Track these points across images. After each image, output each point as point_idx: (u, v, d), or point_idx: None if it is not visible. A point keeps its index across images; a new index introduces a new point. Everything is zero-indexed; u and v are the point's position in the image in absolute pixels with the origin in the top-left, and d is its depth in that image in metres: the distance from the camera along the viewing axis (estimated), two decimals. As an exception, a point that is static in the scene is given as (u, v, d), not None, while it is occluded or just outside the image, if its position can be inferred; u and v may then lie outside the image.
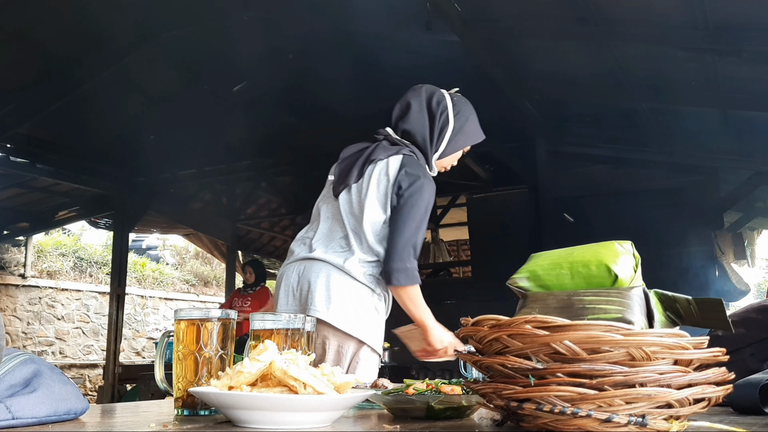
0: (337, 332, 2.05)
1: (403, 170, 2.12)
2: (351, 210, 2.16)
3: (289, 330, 1.17)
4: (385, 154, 2.16)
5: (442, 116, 2.24)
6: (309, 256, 2.14)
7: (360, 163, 2.17)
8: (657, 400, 0.73)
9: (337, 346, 2.06)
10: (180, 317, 1.11)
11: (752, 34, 3.46)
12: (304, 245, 2.21)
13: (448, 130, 2.25)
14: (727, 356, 0.81)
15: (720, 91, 4.29)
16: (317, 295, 2.06)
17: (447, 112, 2.25)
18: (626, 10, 3.72)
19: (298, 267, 2.16)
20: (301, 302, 2.11)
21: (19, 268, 9.84)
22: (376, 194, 2.12)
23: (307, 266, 2.13)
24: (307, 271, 2.12)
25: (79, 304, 10.45)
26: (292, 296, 2.14)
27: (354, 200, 2.16)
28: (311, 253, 2.14)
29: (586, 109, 5.40)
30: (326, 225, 2.21)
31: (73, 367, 9.96)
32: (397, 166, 2.13)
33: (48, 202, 8.32)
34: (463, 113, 2.28)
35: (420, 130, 2.23)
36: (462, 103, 2.30)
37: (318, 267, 2.11)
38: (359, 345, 2.08)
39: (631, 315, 0.90)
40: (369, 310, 2.11)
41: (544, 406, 0.74)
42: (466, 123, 2.30)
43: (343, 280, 2.08)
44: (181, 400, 1.08)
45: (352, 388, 0.97)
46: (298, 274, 2.15)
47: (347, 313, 2.06)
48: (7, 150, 6.48)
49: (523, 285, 1.03)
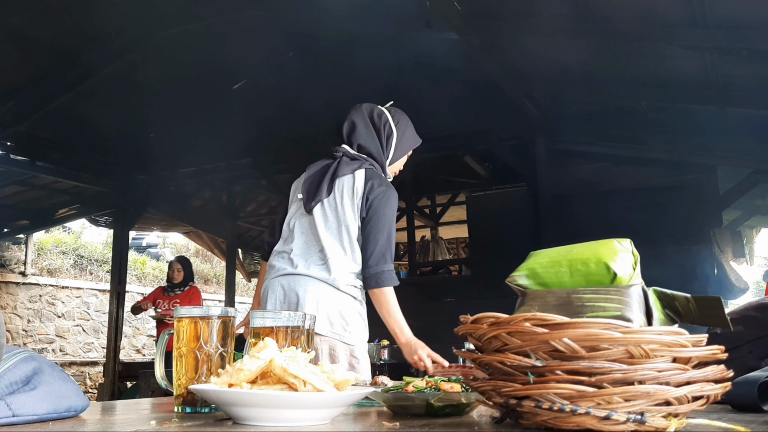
0: (329, 340, 2.23)
1: (369, 183, 2.33)
2: (326, 224, 2.35)
3: (288, 327, 1.17)
4: (349, 169, 2.36)
5: (385, 128, 2.46)
6: (293, 271, 2.32)
7: (327, 179, 2.37)
8: (656, 398, 0.73)
9: (329, 351, 2.23)
10: (180, 315, 1.11)
11: (751, 32, 3.46)
12: (284, 261, 2.37)
13: (393, 138, 2.46)
14: (726, 354, 0.81)
15: (719, 89, 4.30)
16: (306, 307, 2.23)
17: (389, 123, 2.46)
18: (625, 8, 3.72)
19: (282, 281, 2.33)
20: None
21: (20, 266, 9.84)
22: (350, 205, 2.32)
23: (291, 281, 2.31)
24: (294, 285, 2.30)
25: (79, 302, 10.45)
26: (280, 308, 2.30)
27: (329, 214, 2.35)
28: (294, 268, 2.32)
29: (585, 106, 5.40)
30: (302, 240, 2.38)
31: (74, 365, 9.97)
32: (363, 179, 2.34)
33: (48, 199, 8.32)
34: (402, 122, 2.51)
35: (372, 143, 2.44)
36: (399, 114, 2.52)
37: (304, 281, 2.28)
38: (349, 348, 2.26)
39: (630, 313, 0.90)
40: (354, 316, 2.30)
41: (543, 403, 0.74)
42: (406, 130, 2.51)
43: (328, 291, 2.26)
44: (182, 398, 1.09)
45: (351, 385, 0.97)
46: (283, 288, 2.32)
47: (334, 321, 2.25)
48: (7, 148, 6.48)
49: (522, 283, 1.03)
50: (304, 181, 2.46)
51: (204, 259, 13.76)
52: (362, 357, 2.29)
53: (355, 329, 2.29)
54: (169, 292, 6.68)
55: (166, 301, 6.57)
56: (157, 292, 6.86)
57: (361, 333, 2.32)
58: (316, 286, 2.27)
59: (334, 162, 2.41)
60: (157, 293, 6.81)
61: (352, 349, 2.26)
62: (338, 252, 2.30)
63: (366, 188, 2.32)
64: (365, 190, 2.31)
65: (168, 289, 6.74)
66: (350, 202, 2.32)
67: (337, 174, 2.36)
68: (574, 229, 2.81)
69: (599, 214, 5.42)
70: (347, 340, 2.25)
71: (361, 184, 2.32)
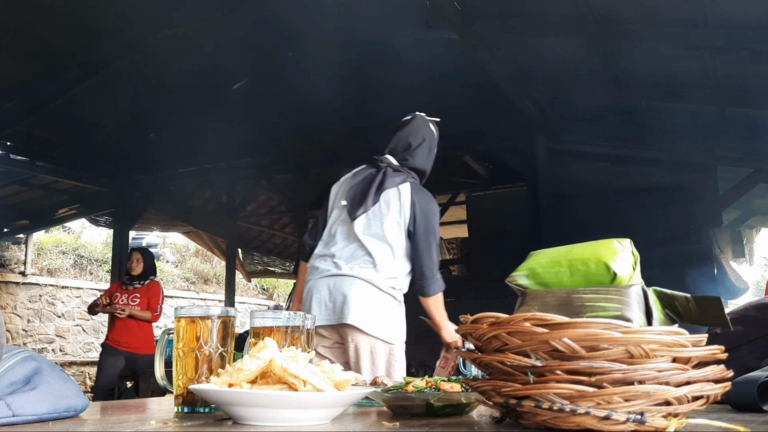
0: (371, 338, 2.34)
1: (414, 197, 2.47)
2: (370, 231, 2.47)
3: (288, 327, 1.17)
4: (394, 182, 2.50)
5: (434, 147, 2.69)
6: (338, 272, 2.43)
7: (374, 190, 2.50)
8: (655, 398, 0.73)
9: (370, 349, 2.34)
10: (180, 315, 1.11)
11: (751, 32, 3.46)
12: (328, 263, 2.49)
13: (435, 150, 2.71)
14: (726, 354, 0.81)
15: (719, 89, 4.30)
16: (352, 306, 2.34)
17: (435, 138, 2.70)
18: (625, 8, 3.72)
19: (328, 282, 2.44)
20: (335, 312, 2.39)
21: (20, 266, 9.84)
22: (395, 217, 2.45)
23: (337, 281, 2.42)
24: (339, 285, 2.41)
25: (79, 302, 10.45)
26: (325, 307, 2.41)
27: (373, 223, 2.48)
28: (339, 270, 2.43)
29: (585, 106, 5.40)
30: (347, 244, 2.49)
31: (74, 365, 9.97)
32: (409, 193, 2.48)
33: (48, 199, 8.32)
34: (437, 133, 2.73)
35: (423, 162, 2.62)
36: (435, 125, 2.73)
37: (349, 281, 2.39)
38: (390, 347, 2.37)
39: (630, 313, 0.90)
40: (395, 316, 2.43)
41: (543, 403, 0.74)
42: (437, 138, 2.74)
43: (372, 291, 2.38)
44: (181, 398, 1.09)
45: (351, 385, 0.97)
46: (329, 289, 2.43)
47: (377, 320, 2.36)
48: (7, 147, 6.48)
49: (522, 283, 1.03)
50: (348, 189, 2.57)
51: (204, 259, 13.76)
52: (399, 357, 2.40)
53: (396, 329, 2.40)
54: (128, 285, 6.01)
55: (124, 294, 5.93)
56: (115, 287, 6.20)
57: (400, 333, 2.43)
58: (362, 286, 2.38)
59: (378, 173, 2.54)
60: (115, 288, 6.15)
61: (391, 348, 2.37)
62: (382, 256, 2.42)
63: (411, 202, 2.46)
64: (411, 204, 2.46)
65: (127, 282, 6.05)
66: (397, 214, 2.45)
67: (384, 186, 2.50)
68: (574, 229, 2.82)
69: (599, 214, 5.42)
70: (388, 339, 2.35)
71: (408, 199, 2.47)
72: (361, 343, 2.34)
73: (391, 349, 2.37)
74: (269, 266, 10.75)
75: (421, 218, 2.46)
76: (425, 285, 2.45)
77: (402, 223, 2.46)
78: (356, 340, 2.34)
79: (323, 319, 2.41)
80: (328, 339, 2.44)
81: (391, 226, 2.45)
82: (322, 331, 2.43)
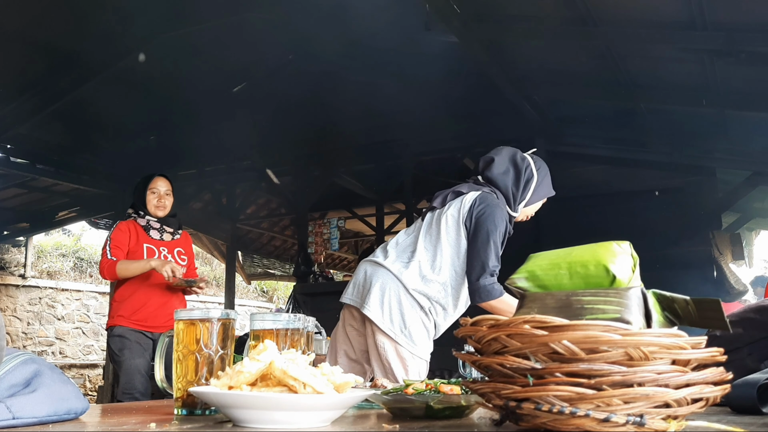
0: (383, 334, 2.34)
1: (477, 200, 2.46)
2: (429, 231, 2.48)
3: (288, 330, 1.17)
4: (468, 190, 2.53)
5: (526, 171, 2.59)
6: (381, 261, 2.44)
7: (446, 193, 2.55)
8: (655, 400, 0.73)
9: (382, 344, 2.34)
10: (180, 317, 1.11)
11: (750, 35, 3.47)
12: (382, 249, 2.55)
13: (532, 183, 2.60)
14: (725, 356, 0.81)
15: (718, 92, 4.30)
16: (373, 297, 2.36)
17: (531, 168, 2.60)
18: (624, 11, 3.72)
19: (368, 267, 2.48)
20: (361, 297, 2.43)
21: (20, 269, 9.84)
22: (453, 219, 2.45)
23: (374, 269, 2.45)
24: (372, 273, 2.43)
25: (79, 305, 10.45)
26: (357, 290, 2.46)
27: (434, 224, 2.49)
28: (384, 259, 2.46)
29: (584, 109, 5.40)
30: (403, 237, 2.55)
31: (73, 367, 9.96)
32: (474, 197, 2.47)
33: (48, 202, 8.32)
34: (542, 170, 2.64)
35: (502, 180, 2.57)
36: (540, 162, 2.67)
37: (380, 272, 2.41)
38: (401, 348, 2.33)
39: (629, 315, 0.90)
40: (416, 323, 2.37)
41: (542, 405, 0.74)
42: (545, 178, 2.66)
43: (396, 289, 2.36)
44: (181, 400, 1.09)
45: (351, 387, 0.97)
46: (365, 273, 2.46)
47: (394, 319, 2.34)
48: (7, 150, 6.48)
49: (521, 285, 1.03)
50: (435, 195, 2.63)
51: (204, 262, 13.75)
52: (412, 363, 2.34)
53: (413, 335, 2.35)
54: (162, 232, 3.95)
55: (162, 248, 3.90)
56: (134, 231, 3.86)
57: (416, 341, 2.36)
58: (390, 281, 2.38)
59: (462, 184, 2.59)
60: (134, 233, 3.85)
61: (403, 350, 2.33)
62: (426, 259, 2.42)
63: (472, 204, 2.44)
64: (471, 206, 2.44)
65: (157, 228, 3.94)
66: (455, 214, 2.45)
67: (457, 192, 2.53)
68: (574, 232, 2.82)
69: (598, 216, 5.42)
70: (400, 340, 2.32)
71: (470, 201, 2.45)
72: (375, 336, 2.35)
73: (403, 353, 2.33)
74: (269, 269, 10.74)
75: (477, 220, 2.41)
76: (472, 290, 2.37)
77: (460, 224, 2.43)
78: (373, 332, 2.36)
79: (353, 300, 2.46)
80: (357, 320, 2.48)
81: (449, 226, 2.44)
82: (354, 310, 2.48)
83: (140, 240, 3.87)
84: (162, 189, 3.99)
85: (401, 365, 2.32)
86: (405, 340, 2.33)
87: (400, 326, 2.33)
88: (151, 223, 3.95)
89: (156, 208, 3.95)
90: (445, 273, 2.41)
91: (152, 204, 3.94)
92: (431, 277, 2.39)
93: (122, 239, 3.83)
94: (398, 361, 2.32)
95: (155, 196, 3.96)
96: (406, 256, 2.45)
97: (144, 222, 3.95)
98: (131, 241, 3.85)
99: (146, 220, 3.95)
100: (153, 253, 3.86)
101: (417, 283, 2.37)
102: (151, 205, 3.94)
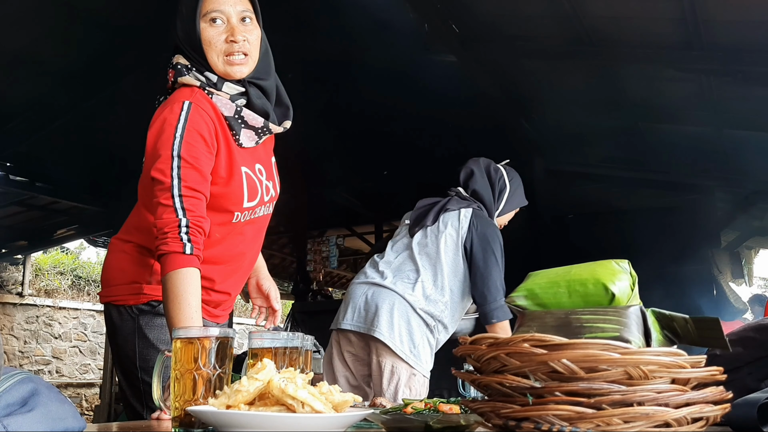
0: (394, 355, 2.33)
1: (473, 221, 2.48)
2: (425, 249, 2.50)
3: (287, 348, 1.17)
4: (457, 206, 2.54)
5: (500, 182, 2.66)
6: (380, 282, 2.45)
7: (435, 210, 2.55)
8: (655, 419, 0.73)
9: (391, 367, 2.33)
10: (177, 336, 1.11)
11: (747, 54, 3.49)
12: (375, 270, 2.52)
13: (505, 193, 2.67)
14: (725, 375, 0.81)
15: (715, 111, 4.33)
16: (382, 319, 2.35)
17: (504, 179, 2.67)
18: (622, 31, 3.75)
19: (367, 291, 2.46)
20: (366, 321, 2.41)
21: (17, 287, 9.80)
22: (452, 239, 2.46)
23: (375, 292, 2.44)
24: (376, 296, 2.42)
25: (76, 323, 10.40)
26: (358, 314, 2.43)
27: (429, 241, 2.49)
28: (383, 280, 2.45)
29: (583, 128, 5.43)
30: (397, 257, 2.54)
31: (70, 386, 9.89)
32: (468, 217, 2.49)
33: (47, 220, 8.31)
34: (515, 181, 2.73)
35: (485, 191, 2.63)
36: (513, 173, 2.75)
37: (386, 294, 2.40)
38: (410, 369, 2.34)
39: (629, 334, 0.90)
40: (422, 340, 2.39)
41: (542, 425, 0.74)
42: (518, 189, 2.74)
43: (405, 309, 2.38)
44: (179, 419, 1.08)
45: (350, 407, 0.96)
46: (366, 297, 2.44)
47: (403, 340, 2.35)
48: (6, 168, 6.49)
49: (520, 303, 1.03)
50: (414, 210, 2.66)
51: (202, 280, 13.70)
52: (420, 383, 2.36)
53: (421, 354, 2.37)
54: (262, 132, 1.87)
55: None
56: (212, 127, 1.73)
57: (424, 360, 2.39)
58: (395, 301, 2.37)
59: (445, 199, 2.61)
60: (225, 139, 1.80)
61: (412, 372, 2.34)
62: (428, 277, 2.43)
63: (470, 226, 2.47)
64: (469, 227, 2.47)
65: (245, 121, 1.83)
66: (454, 233, 2.46)
67: (446, 208, 2.54)
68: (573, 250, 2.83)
69: (597, 235, 5.43)
70: (411, 362, 2.33)
71: (466, 222, 2.48)
72: (384, 359, 2.33)
73: (412, 373, 2.34)
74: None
75: (479, 242, 2.45)
76: (485, 311, 2.40)
77: (459, 245, 2.46)
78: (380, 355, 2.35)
79: (354, 325, 2.42)
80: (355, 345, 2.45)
81: (447, 246, 2.46)
82: (351, 336, 2.44)
83: (233, 158, 1.77)
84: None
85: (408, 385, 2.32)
86: (414, 360, 2.34)
87: (410, 346, 2.34)
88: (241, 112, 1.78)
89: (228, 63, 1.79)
90: (447, 292, 2.44)
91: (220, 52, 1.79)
92: (435, 297, 2.42)
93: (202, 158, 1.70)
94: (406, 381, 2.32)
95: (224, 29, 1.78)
96: (407, 276, 2.45)
97: (230, 107, 1.78)
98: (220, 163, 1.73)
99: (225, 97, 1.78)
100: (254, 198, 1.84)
101: (423, 302, 2.39)
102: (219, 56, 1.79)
